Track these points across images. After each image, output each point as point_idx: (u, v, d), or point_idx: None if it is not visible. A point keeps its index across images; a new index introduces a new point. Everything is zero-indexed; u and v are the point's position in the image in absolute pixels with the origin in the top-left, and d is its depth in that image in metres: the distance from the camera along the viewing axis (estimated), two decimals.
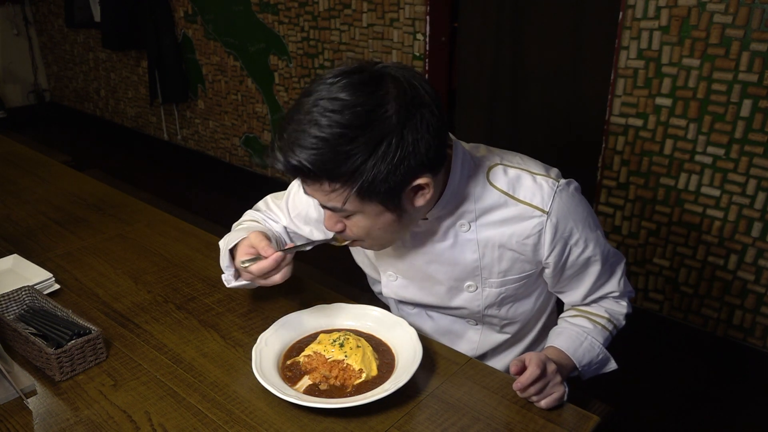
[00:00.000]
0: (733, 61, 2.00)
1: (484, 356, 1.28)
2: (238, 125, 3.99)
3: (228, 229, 1.29)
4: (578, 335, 1.13)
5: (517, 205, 1.05)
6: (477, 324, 1.24)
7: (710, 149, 2.14)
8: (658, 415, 2.16)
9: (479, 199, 1.06)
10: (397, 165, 0.90)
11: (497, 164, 1.08)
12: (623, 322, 1.20)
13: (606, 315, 1.17)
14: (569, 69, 2.53)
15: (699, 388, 2.28)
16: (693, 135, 2.16)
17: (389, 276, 1.21)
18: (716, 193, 2.17)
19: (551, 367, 0.99)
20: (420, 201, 0.98)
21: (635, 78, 2.22)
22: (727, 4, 1.96)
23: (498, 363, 1.29)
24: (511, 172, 1.07)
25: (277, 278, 1.06)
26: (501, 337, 1.25)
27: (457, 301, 1.17)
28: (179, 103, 4.37)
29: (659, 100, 2.20)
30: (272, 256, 1.03)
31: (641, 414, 2.17)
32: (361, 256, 1.28)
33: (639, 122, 2.26)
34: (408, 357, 1.08)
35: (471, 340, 1.26)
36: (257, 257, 1.05)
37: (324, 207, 0.99)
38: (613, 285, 1.17)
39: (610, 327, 1.16)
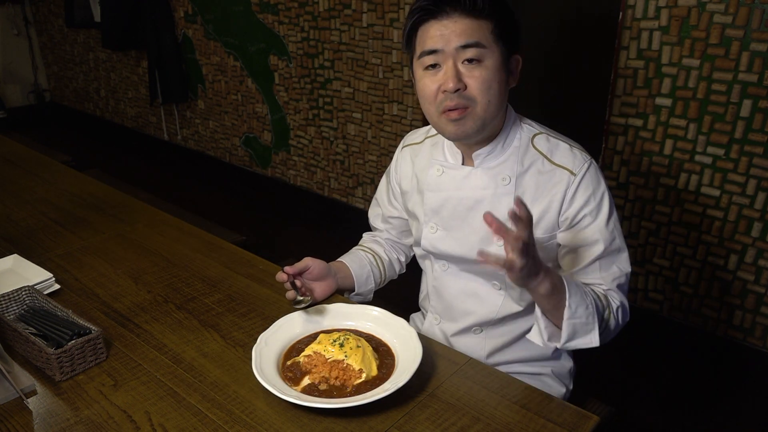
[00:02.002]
0: (733, 61, 2.00)
1: (501, 321, 1.31)
2: (238, 125, 3.99)
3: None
4: (576, 281, 1.14)
5: (552, 167, 1.20)
6: (501, 288, 1.28)
7: (710, 149, 2.14)
8: (658, 415, 2.16)
9: (521, 158, 1.21)
10: (518, 22, 1.15)
11: (542, 133, 1.24)
12: (615, 314, 1.16)
13: (602, 292, 1.18)
14: (569, 69, 2.53)
15: (699, 388, 2.28)
16: (693, 135, 2.16)
17: (431, 228, 1.31)
18: (716, 193, 2.17)
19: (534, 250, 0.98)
20: (512, 81, 1.18)
21: (635, 78, 2.22)
22: (727, 4, 1.96)
23: (513, 328, 1.32)
24: (552, 140, 1.22)
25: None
26: (518, 308, 1.29)
27: None
28: (179, 103, 4.37)
29: (659, 100, 2.20)
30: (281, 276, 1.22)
31: (641, 414, 2.17)
32: (413, 217, 1.38)
33: (639, 122, 2.27)
34: (408, 357, 1.08)
35: (494, 303, 1.30)
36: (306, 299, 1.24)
37: (459, 47, 1.10)
38: (603, 279, 1.19)
39: (604, 301, 1.15)
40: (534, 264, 0.99)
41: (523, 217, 0.94)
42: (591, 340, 1.10)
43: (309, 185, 3.69)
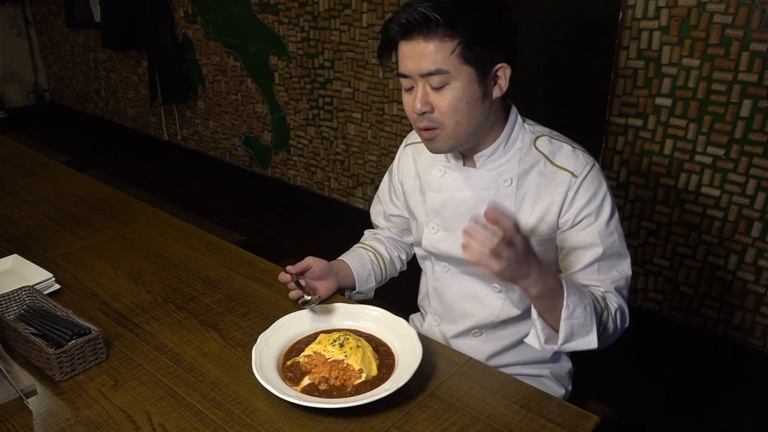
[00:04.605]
0: (733, 61, 2.00)
1: (501, 324, 1.31)
2: (238, 125, 3.99)
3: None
4: (574, 281, 1.14)
5: (554, 168, 1.19)
6: (501, 291, 1.28)
7: (710, 149, 2.14)
8: (658, 415, 2.16)
9: (523, 159, 1.21)
10: (501, 30, 1.11)
11: (545, 135, 1.23)
12: (614, 317, 1.14)
13: (601, 294, 1.16)
14: (569, 69, 2.53)
15: (699, 388, 2.28)
16: (693, 135, 2.16)
17: (432, 228, 1.31)
18: (716, 193, 2.17)
19: (520, 247, 0.96)
20: (496, 92, 1.14)
21: (635, 78, 2.22)
22: (727, 4, 1.96)
23: (512, 332, 1.32)
24: (555, 142, 1.22)
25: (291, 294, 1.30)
26: (517, 311, 1.29)
27: None
28: (179, 103, 4.37)
29: (659, 100, 2.20)
30: (284, 277, 1.25)
31: (641, 414, 2.17)
32: (413, 216, 1.39)
33: (639, 122, 2.27)
34: (408, 357, 1.08)
35: (493, 306, 1.29)
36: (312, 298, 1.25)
37: (423, 75, 1.09)
38: (602, 282, 1.18)
39: (602, 303, 1.13)
40: (519, 266, 0.98)
41: (498, 221, 0.94)
42: (589, 341, 1.08)
43: (309, 185, 3.69)
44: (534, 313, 1.10)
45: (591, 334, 1.08)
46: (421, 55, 1.08)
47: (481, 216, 0.97)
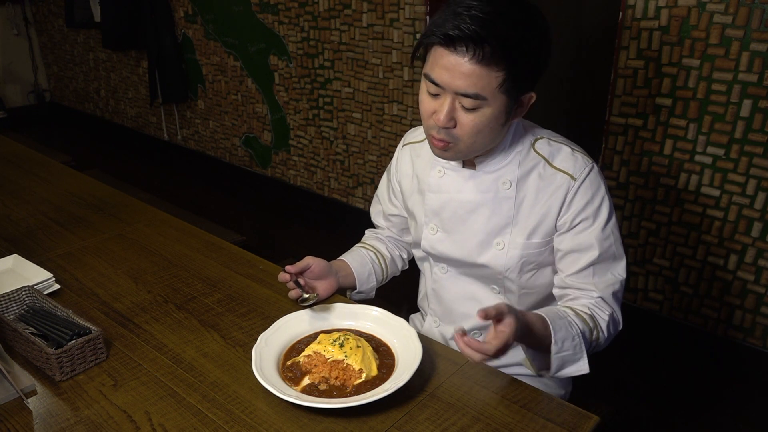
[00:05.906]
0: (733, 61, 2.00)
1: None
2: (238, 125, 3.99)
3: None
4: (559, 311, 1.14)
5: (553, 171, 1.19)
6: (500, 292, 1.28)
7: (710, 149, 2.14)
8: (658, 415, 2.16)
9: (523, 162, 1.21)
10: (543, 63, 1.09)
11: (544, 137, 1.23)
12: (604, 331, 1.17)
13: (588, 312, 1.17)
14: (569, 69, 2.53)
15: (699, 388, 2.28)
16: (693, 135, 2.16)
17: (431, 229, 1.31)
18: (716, 193, 2.17)
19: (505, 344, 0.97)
20: (518, 113, 1.15)
21: (635, 78, 2.22)
22: (727, 4, 1.96)
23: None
24: (554, 144, 1.22)
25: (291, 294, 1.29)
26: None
27: (484, 258, 1.25)
28: (179, 103, 4.37)
29: (659, 100, 2.20)
30: (283, 277, 1.24)
31: (641, 414, 2.17)
32: (412, 217, 1.39)
33: (639, 122, 2.27)
34: (408, 357, 1.08)
35: None
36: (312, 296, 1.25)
37: (460, 95, 1.06)
38: (596, 285, 1.19)
39: (591, 323, 1.15)
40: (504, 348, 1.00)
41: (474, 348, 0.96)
42: (581, 367, 1.12)
43: (309, 185, 3.69)
44: (522, 346, 1.11)
45: (582, 361, 1.12)
46: (463, 73, 1.04)
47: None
